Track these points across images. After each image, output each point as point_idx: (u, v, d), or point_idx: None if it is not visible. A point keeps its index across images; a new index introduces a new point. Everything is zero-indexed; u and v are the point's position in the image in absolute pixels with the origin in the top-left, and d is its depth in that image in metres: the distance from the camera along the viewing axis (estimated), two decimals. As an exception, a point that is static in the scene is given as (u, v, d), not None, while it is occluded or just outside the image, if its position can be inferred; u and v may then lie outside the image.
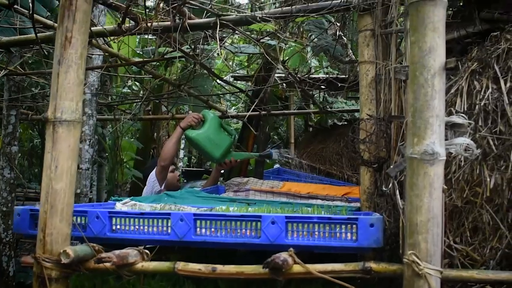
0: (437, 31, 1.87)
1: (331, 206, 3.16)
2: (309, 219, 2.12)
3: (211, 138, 4.06)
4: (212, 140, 4.07)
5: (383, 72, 2.98)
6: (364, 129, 2.96)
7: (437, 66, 1.88)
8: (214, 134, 4.08)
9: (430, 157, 1.87)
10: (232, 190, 4.16)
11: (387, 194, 2.74)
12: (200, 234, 2.19)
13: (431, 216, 1.88)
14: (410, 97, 1.93)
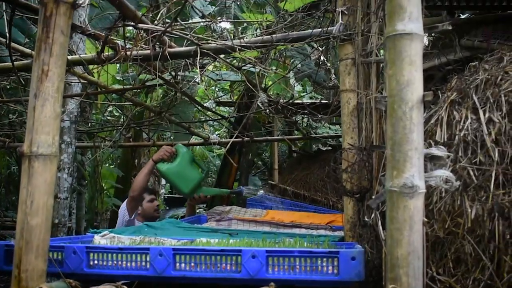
0: (414, 65, 1.92)
1: (314, 236, 3.18)
2: (290, 253, 2.14)
3: (181, 173, 4.16)
4: (182, 175, 4.17)
5: (365, 101, 3.02)
6: (346, 159, 2.99)
7: (415, 99, 1.92)
8: (184, 169, 4.19)
9: (409, 190, 1.90)
10: (214, 220, 4.17)
11: (369, 224, 2.77)
12: (179, 269, 2.19)
13: (412, 249, 1.90)
14: (389, 130, 1.97)
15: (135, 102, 5.05)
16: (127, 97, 4.94)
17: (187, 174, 4.20)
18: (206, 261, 2.17)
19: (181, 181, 4.18)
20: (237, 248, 2.14)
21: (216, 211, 4.45)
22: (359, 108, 3.11)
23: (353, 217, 3.02)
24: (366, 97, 3.01)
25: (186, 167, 4.19)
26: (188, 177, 4.20)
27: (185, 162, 4.20)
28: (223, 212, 4.44)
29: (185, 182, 4.19)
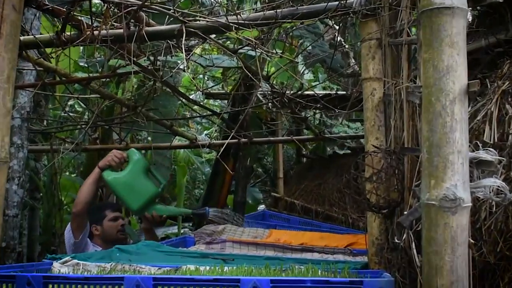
0: (456, 47, 1.93)
1: (330, 262, 3.18)
2: (301, 283, 2.14)
3: (131, 184, 4.18)
4: (131, 188, 4.18)
5: (393, 92, 3.04)
6: (371, 165, 2.99)
7: (457, 90, 1.93)
8: (135, 180, 4.20)
9: (451, 204, 1.91)
10: (203, 242, 4.16)
11: (400, 247, 2.77)
12: (162, 304, 2.19)
13: (455, 278, 1.91)
14: (425, 128, 1.98)
15: (104, 95, 5.05)
16: (93, 88, 4.94)
17: (138, 187, 4.20)
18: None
19: (129, 194, 4.18)
20: (235, 278, 2.14)
21: (205, 231, 4.45)
22: (386, 101, 3.12)
23: (379, 238, 3.03)
24: (395, 87, 3.01)
25: (138, 178, 4.20)
26: (139, 191, 4.20)
27: (137, 172, 4.21)
28: (214, 232, 4.43)
29: (135, 197, 4.20)
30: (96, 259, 3.13)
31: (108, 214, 4.61)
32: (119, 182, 4.17)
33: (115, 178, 4.19)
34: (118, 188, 4.18)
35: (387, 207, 2.93)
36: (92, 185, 4.34)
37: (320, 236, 4.50)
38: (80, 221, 4.36)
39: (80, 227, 4.36)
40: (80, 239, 4.34)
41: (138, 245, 3.71)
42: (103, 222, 4.58)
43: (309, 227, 5.39)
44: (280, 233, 4.62)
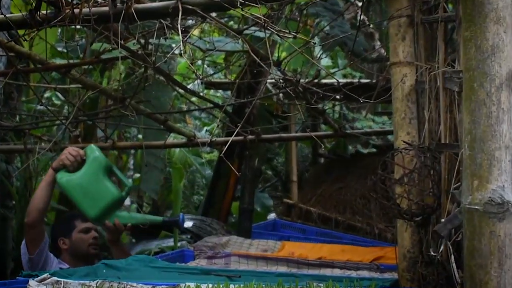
0: (503, 23, 1.93)
1: (354, 279, 3.18)
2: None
3: (86, 187, 4.09)
4: (87, 191, 4.09)
5: (427, 79, 3.03)
6: (401, 164, 2.99)
7: (504, 74, 1.93)
8: (92, 182, 4.10)
9: (498, 209, 1.91)
10: (205, 256, 4.19)
11: (437, 261, 2.77)
12: (157, 329, 2.19)
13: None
14: (466, 120, 1.97)
15: (86, 84, 5.05)
16: (74, 77, 4.94)
17: (96, 190, 4.11)
18: (197, 316, 2.17)
19: (85, 199, 4.09)
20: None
21: (207, 243, 4.47)
22: (418, 90, 3.12)
23: (411, 250, 3.03)
24: (430, 73, 3.01)
25: (96, 179, 4.10)
26: (97, 195, 4.11)
27: (95, 172, 4.12)
28: (217, 244, 4.45)
29: (92, 202, 4.10)
30: (79, 276, 3.15)
31: (78, 225, 4.53)
32: (73, 185, 4.08)
33: (68, 180, 4.09)
34: (72, 192, 4.09)
35: (420, 214, 2.93)
36: (45, 189, 4.22)
37: (341, 249, 4.52)
38: (34, 233, 4.26)
39: (35, 240, 4.26)
40: (36, 254, 4.24)
41: (128, 259, 3.71)
42: (72, 234, 4.50)
43: (328, 239, 5.39)
44: (294, 246, 4.63)
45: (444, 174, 2.91)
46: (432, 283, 2.76)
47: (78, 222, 4.55)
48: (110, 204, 4.15)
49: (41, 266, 4.26)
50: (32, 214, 4.22)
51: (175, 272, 3.50)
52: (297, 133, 7.58)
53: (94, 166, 4.13)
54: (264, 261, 4.04)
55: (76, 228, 4.52)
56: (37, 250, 4.26)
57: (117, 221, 4.19)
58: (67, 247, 4.49)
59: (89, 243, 4.52)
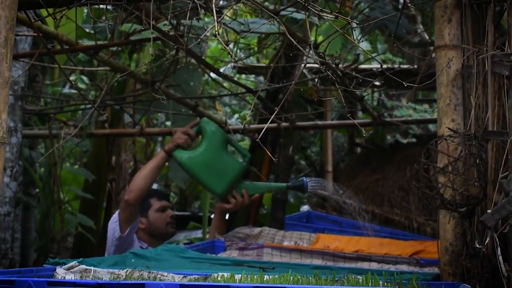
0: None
1: (393, 272, 3.18)
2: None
3: (210, 163, 4.19)
4: (211, 166, 4.20)
5: (474, 63, 3.02)
6: (445, 152, 2.99)
7: (559, 56, 1.92)
8: (214, 157, 4.21)
9: (549, 198, 1.91)
10: (236, 247, 4.20)
11: (482, 254, 2.76)
12: (190, 317, 2.22)
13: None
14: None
15: (114, 67, 5.08)
16: (102, 59, 4.98)
17: (219, 165, 4.22)
18: (231, 304, 2.20)
19: (210, 175, 4.20)
20: (280, 286, 2.16)
21: (238, 234, 4.49)
22: (465, 75, 3.11)
23: (454, 243, 3.03)
24: (477, 57, 3.00)
25: (218, 154, 4.21)
26: (222, 169, 4.22)
27: (216, 147, 4.23)
28: (249, 236, 4.47)
29: (217, 177, 4.21)
30: (108, 265, 3.18)
31: (154, 203, 4.68)
32: (196, 162, 4.19)
33: (190, 157, 4.20)
34: (195, 170, 4.20)
35: (465, 205, 2.93)
36: (153, 171, 4.40)
37: (379, 243, 4.51)
38: (131, 211, 4.45)
39: (130, 219, 4.46)
40: (126, 233, 4.44)
41: (158, 249, 3.75)
42: (149, 213, 4.66)
43: (365, 232, 5.38)
44: (330, 239, 4.63)
45: (491, 163, 2.90)
46: (477, 276, 2.76)
47: (154, 200, 4.70)
48: (236, 177, 4.27)
49: (126, 246, 4.45)
50: (134, 193, 4.38)
51: (206, 263, 3.52)
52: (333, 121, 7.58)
53: (214, 140, 4.24)
54: (298, 253, 4.04)
55: (152, 206, 4.67)
56: (128, 229, 4.46)
57: (244, 192, 4.32)
58: (144, 226, 4.64)
59: (166, 222, 4.69)
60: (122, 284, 2.29)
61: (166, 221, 4.66)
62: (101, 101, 5.60)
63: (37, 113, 6.62)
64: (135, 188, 4.37)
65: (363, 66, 6.66)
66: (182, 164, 4.20)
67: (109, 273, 2.87)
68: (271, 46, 6.52)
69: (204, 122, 4.33)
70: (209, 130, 4.25)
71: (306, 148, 10.20)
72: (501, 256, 2.37)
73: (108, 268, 3.00)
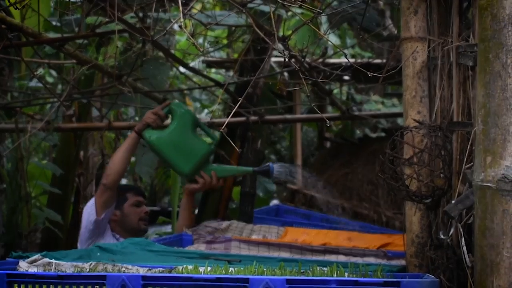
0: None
1: (359, 264, 3.19)
2: (324, 284, 2.15)
3: (178, 143, 4.20)
4: (179, 147, 4.21)
5: (440, 53, 3.03)
6: (411, 144, 2.99)
7: (521, 45, 1.93)
8: (183, 138, 4.22)
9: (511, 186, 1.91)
10: (204, 241, 4.19)
11: (447, 244, 2.77)
12: (153, 309, 2.20)
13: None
14: (480, 93, 1.97)
15: (81, 60, 5.05)
16: (68, 52, 4.94)
17: (188, 145, 4.23)
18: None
19: (178, 155, 4.21)
20: (242, 277, 2.15)
21: (206, 228, 4.47)
22: (430, 67, 3.12)
23: (420, 235, 3.04)
24: (443, 48, 3.01)
25: (187, 134, 4.22)
26: (190, 150, 4.23)
27: (185, 127, 4.23)
28: (217, 229, 4.46)
29: (185, 157, 4.22)
30: (72, 258, 3.16)
31: (130, 197, 4.67)
32: (164, 142, 4.19)
33: (158, 137, 4.20)
34: (163, 149, 4.20)
35: (430, 196, 2.93)
36: (127, 152, 4.42)
37: (347, 236, 4.52)
38: (109, 196, 4.44)
39: (106, 204, 4.45)
40: (102, 217, 4.42)
41: (123, 243, 3.73)
42: (124, 206, 4.63)
43: (334, 226, 5.39)
44: (298, 232, 4.63)
45: (455, 154, 2.92)
46: (441, 267, 2.76)
47: (130, 195, 4.69)
48: (203, 158, 4.28)
49: (101, 231, 4.45)
50: (111, 176, 4.40)
51: (173, 256, 3.51)
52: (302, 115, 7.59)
53: (183, 121, 4.25)
54: (266, 247, 4.03)
55: (128, 200, 4.65)
56: (104, 213, 4.44)
57: (213, 174, 4.32)
58: (117, 219, 4.60)
59: (139, 217, 4.66)
60: (83, 276, 2.27)
61: (139, 216, 4.66)
62: (68, 94, 5.57)
63: (3, 107, 6.57)
64: (112, 172, 4.40)
65: (332, 61, 6.67)
66: (151, 143, 4.22)
67: (72, 266, 2.84)
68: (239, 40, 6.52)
69: (174, 104, 4.36)
70: (179, 111, 4.27)
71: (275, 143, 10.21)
72: (465, 246, 2.38)
73: (72, 261, 2.98)
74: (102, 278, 2.23)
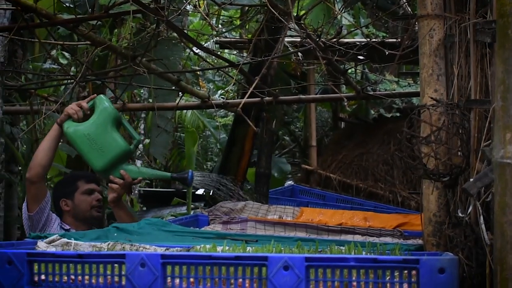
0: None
1: (376, 244, 3.20)
2: (342, 262, 2.16)
3: (93, 137, 4.12)
4: (94, 141, 4.12)
5: (457, 31, 3.02)
6: (428, 122, 2.98)
7: (540, 20, 1.92)
8: (101, 133, 4.14)
9: (531, 162, 1.91)
10: (220, 221, 4.21)
11: (465, 223, 2.77)
12: (172, 286, 2.21)
13: (535, 254, 1.92)
14: (499, 69, 1.97)
15: (95, 41, 5.05)
16: (82, 34, 4.95)
17: (104, 141, 4.14)
18: (213, 274, 2.19)
19: (92, 149, 4.12)
20: (261, 255, 2.16)
21: (222, 208, 4.49)
22: (447, 44, 3.10)
23: (438, 214, 3.03)
24: (460, 25, 2.99)
25: (104, 130, 4.14)
26: (105, 145, 4.14)
27: (104, 123, 4.15)
28: (233, 210, 4.47)
29: (99, 152, 4.14)
30: (90, 238, 3.18)
31: (81, 186, 4.54)
32: (80, 134, 4.11)
33: (75, 129, 4.12)
34: (78, 142, 4.12)
35: (448, 174, 2.93)
36: (49, 144, 4.28)
37: (363, 216, 4.52)
38: (35, 189, 4.30)
39: (36, 198, 4.31)
40: (36, 212, 4.29)
41: (140, 223, 3.74)
42: (75, 196, 4.52)
43: (349, 206, 5.40)
44: (314, 212, 4.64)
45: (473, 132, 2.90)
46: (460, 245, 2.76)
47: (81, 183, 4.56)
48: (118, 156, 4.19)
49: (41, 226, 4.32)
50: (34, 169, 4.26)
51: (190, 236, 3.52)
52: (316, 95, 7.57)
53: (103, 116, 4.16)
54: (282, 227, 4.04)
55: (79, 189, 4.53)
56: (37, 208, 4.30)
57: (124, 173, 4.20)
58: (69, 209, 4.50)
59: (92, 205, 4.53)
60: (102, 255, 2.29)
61: (91, 204, 4.51)
62: (82, 76, 5.58)
63: (18, 89, 6.58)
64: (34, 165, 4.27)
65: (346, 40, 6.65)
66: (67, 135, 4.16)
67: (90, 246, 2.87)
68: (253, 19, 6.51)
69: (98, 98, 4.26)
70: (101, 106, 4.18)
71: (290, 123, 10.22)
72: (483, 224, 2.38)
73: (90, 241, 3.00)
74: (122, 257, 2.24)
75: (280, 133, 10.08)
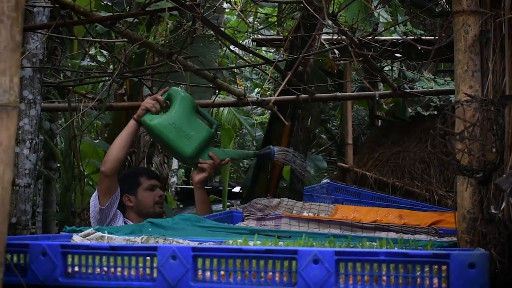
0: None
1: (409, 240, 3.20)
2: (373, 256, 2.16)
3: (179, 126, 4.22)
4: (181, 129, 4.22)
5: (492, 27, 3.00)
6: (462, 118, 2.98)
7: None
8: (184, 121, 4.24)
9: None
10: (254, 218, 4.22)
11: (498, 219, 2.76)
12: (202, 279, 2.23)
13: None
14: (531, 62, 1.96)
15: (132, 38, 5.10)
16: (119, 31, 4.99)
17: (188, 129, 4.25)
18: (243, 267, 2.21)
19: (180, 138, 4.22)
20: (291, 248, 2.17)
21: (256, 205, 4.50)
22: (483, 40, 3.09)
23: (472, 211, 3.02)
24: (495, 21, 2.98)
25: (188, 118, 4.26)
26: (190, 133, 4.25)
27: (184, 112, 4.26)
28: (267, 206, 4.49)
29: (186, 141, 4.24)
30: (124, 233, 3.21)
31: (144, 181, 4.63)
32: (165, 125, 4.20)
33: (160, 121, 4.22)
34: (164, 132, 4.21)
35: (482, 170, 2.91)
36: (126, 139, 4.38)
37: (398, 214, 4.51)
38: (109, 183, 4.41)
39: (108, 191, 4.41)
40: (107, 206, 4.39)
41: (175, 218, 3.76)
42: (138, 191, 4.61)
43: (385, 204, 5.39)
44: (349, 210, 4.64)
45: (508, 128, 2.89)
46: (493, 241, 2.75)
47: (143, 179, 4.66)
48: (205, 140, 4.32)
49: (109, 221, 4.42)
50: (109, 163, 4.37)
51: (223, 232, 3.53)
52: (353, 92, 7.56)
53: (183, 105, 4.29)
54: (316, 223, 4.05)
55: (142, 185, 4.63)
56: (108, 201, 4.41)
57: (213, 154, 4.36)
58: (132, 205, 4.59)
59: (155, 201, 4.62)
60: (134, 247, 2.32)
61: (154, 200, 4.58)
62: (119, 73, 5.63)
63: (56, 86, 6.66)
64: (110, 159, 4.36)
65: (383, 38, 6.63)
66: (152, 127, 4.22)
67: (124, 240, 2.91)
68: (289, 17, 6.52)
69: (173, 90, 4.39)
70: (178, 96, 4.30)
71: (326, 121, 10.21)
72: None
73: (124, 235, 3.04)
74: (153, 249, 2.27)
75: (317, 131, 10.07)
